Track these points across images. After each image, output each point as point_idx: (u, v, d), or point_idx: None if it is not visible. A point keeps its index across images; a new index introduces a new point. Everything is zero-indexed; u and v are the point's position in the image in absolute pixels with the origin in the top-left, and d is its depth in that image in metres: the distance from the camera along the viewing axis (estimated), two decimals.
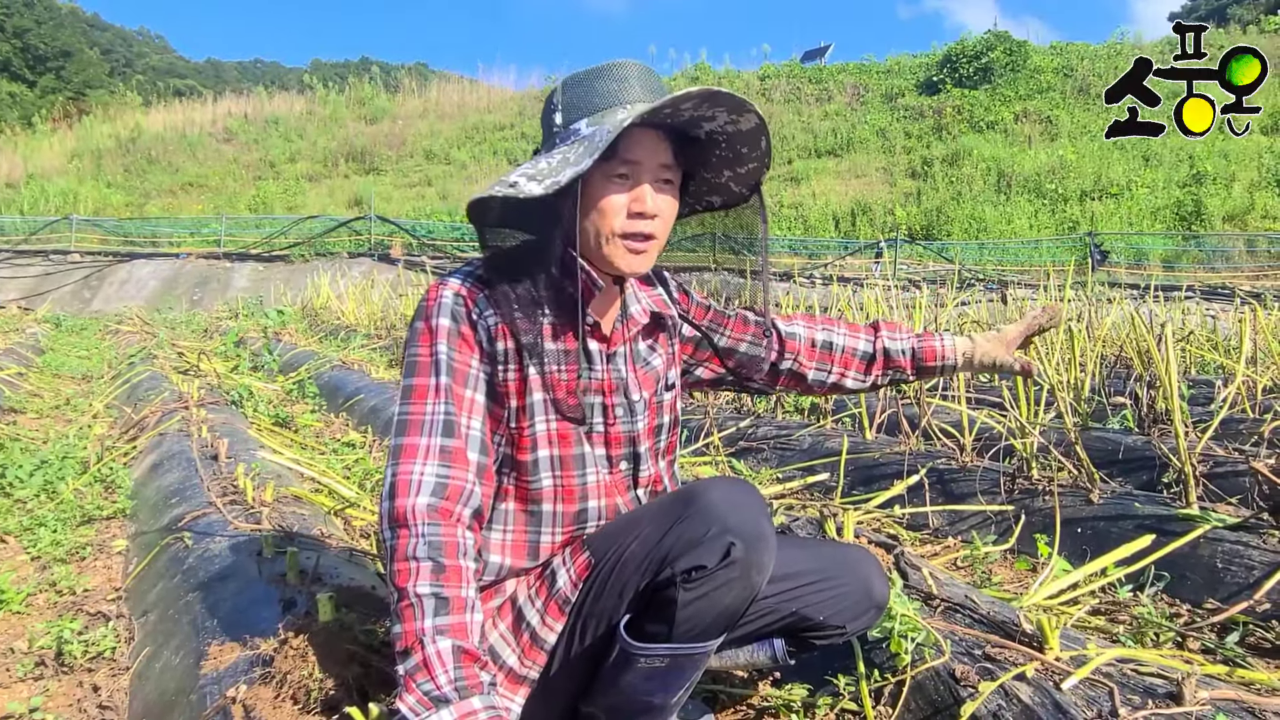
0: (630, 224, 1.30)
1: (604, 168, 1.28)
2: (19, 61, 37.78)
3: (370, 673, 1.46)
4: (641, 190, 1.30)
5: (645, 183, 1.30)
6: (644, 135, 1.29)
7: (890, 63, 30.98)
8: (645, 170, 1.30)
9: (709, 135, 1.36)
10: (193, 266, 18.56)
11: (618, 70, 1.31)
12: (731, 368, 1.65)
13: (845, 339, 1.70)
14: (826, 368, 1.70)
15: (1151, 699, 1.38)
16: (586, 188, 1.29)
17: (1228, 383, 3.59)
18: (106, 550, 2.90)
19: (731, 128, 1.33)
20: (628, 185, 1.30)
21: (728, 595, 1.24)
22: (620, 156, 1.28)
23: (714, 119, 1.32)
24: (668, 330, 1.53)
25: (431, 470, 1.25)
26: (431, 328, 1.31)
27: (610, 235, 1.31)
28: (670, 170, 1.34)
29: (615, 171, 1.29)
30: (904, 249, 19.27)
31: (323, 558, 2.08)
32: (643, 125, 1.28)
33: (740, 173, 1.42)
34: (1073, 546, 2.60)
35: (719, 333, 1.61)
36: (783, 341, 1.67)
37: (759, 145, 1.36)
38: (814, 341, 1.69)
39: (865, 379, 1.72)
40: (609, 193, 1.30)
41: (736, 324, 1.63)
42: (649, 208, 1.30)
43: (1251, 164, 20.86)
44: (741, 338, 1.63)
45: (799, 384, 1.73)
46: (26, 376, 6.33)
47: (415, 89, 33.51)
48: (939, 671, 1.55)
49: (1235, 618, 2.04)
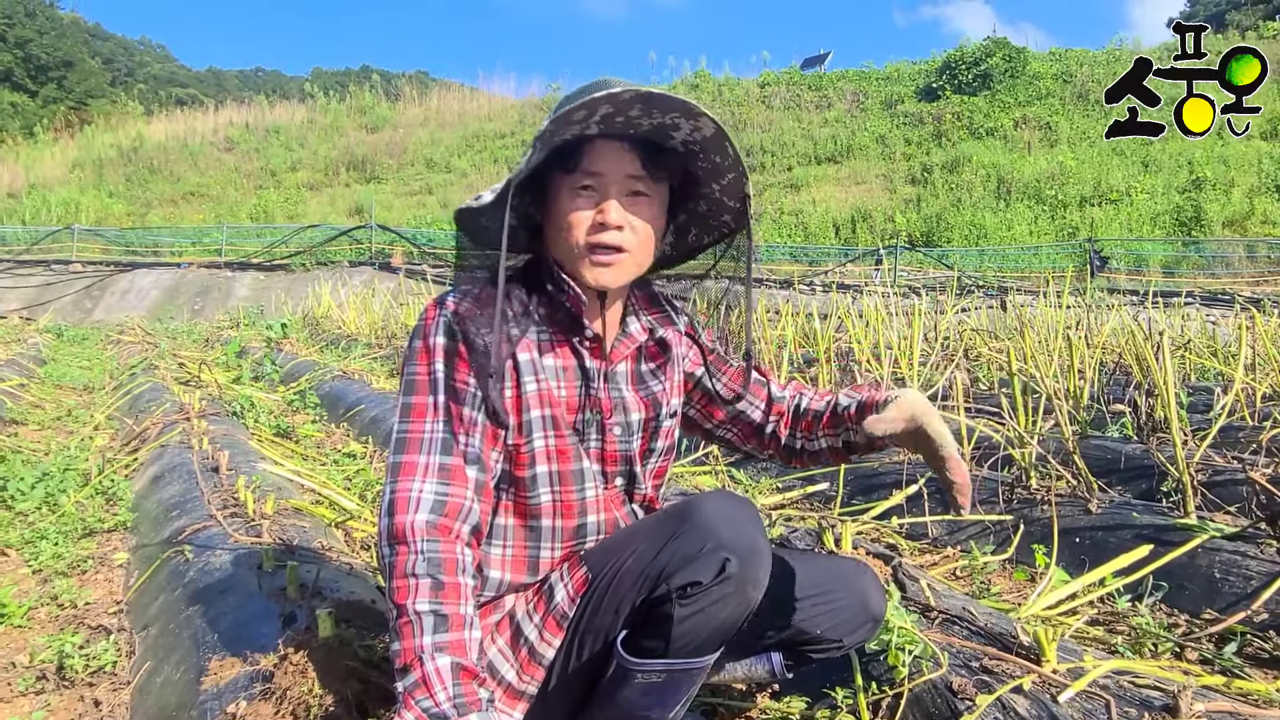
0: (595, 236, 1.30)
1: (569, 181, 1.29)
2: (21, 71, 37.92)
3: (370, 689, 1.47)
4: (607, 203, 1.29)
5: (611, 195, 1.30)
6: (607, 146, 1.29)
7: (890, 69, 31.08)
8: (611, 182, 1.30)
9: (685, 145, 1.33)
10: (194, 276, 18.59)
11: (599, 84, 1.29)
12: (721, 420, 1.62)
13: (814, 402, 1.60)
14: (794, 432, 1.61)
15: (1147, 711, 1.39)
16: (556, 202, 1.31)
17: (1227, 390, 3.60)
18: (108, 563, 2.90)
19: (697, 135, 1.30)
20: (594, 198, 1.30)
21: (723, 611, 1.25)
22: (583, 169, 1.29)
23: (678, 127, 1.29)
24: (670, 356, 1.50)
25: (430, 488, 1.25)
26: (429, 346, 1.31)
27: (577, 248, 1.31)
28: (641, 181, 1.31)
29: (579, 184, 1.30)
30: (904, 256, 19.30)
31: (323, 571, 2.08)
32: (605, 137, 1.27)
33: (724, 185, 1.38)
34: (1071, 556, 2.61)
35: (718, 379, 1.58)
36: (770, 403, 1.62)
37: (727, 153, 1.31)
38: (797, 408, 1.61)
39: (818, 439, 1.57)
40: (575, 206, 1.30)
41: (735, 375, 1.60)
42: (611, 219, 1.29)
43: (1251, 169, 20.90)
44: (736, 389, 1.59)
45: (778, 450, 1.63)
46: (28, 387, 6.35)
47: (416, 97, 33.63)
48: (936, 684, 1.56)
49: (1233, 628, 2.05)
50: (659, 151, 1.33)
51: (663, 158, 1.33)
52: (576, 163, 1.28)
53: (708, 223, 1.47)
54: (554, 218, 1.32)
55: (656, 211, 1.36)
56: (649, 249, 1.37)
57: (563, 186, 1.30)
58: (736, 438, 1.64)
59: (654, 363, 1.49)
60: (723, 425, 1.63)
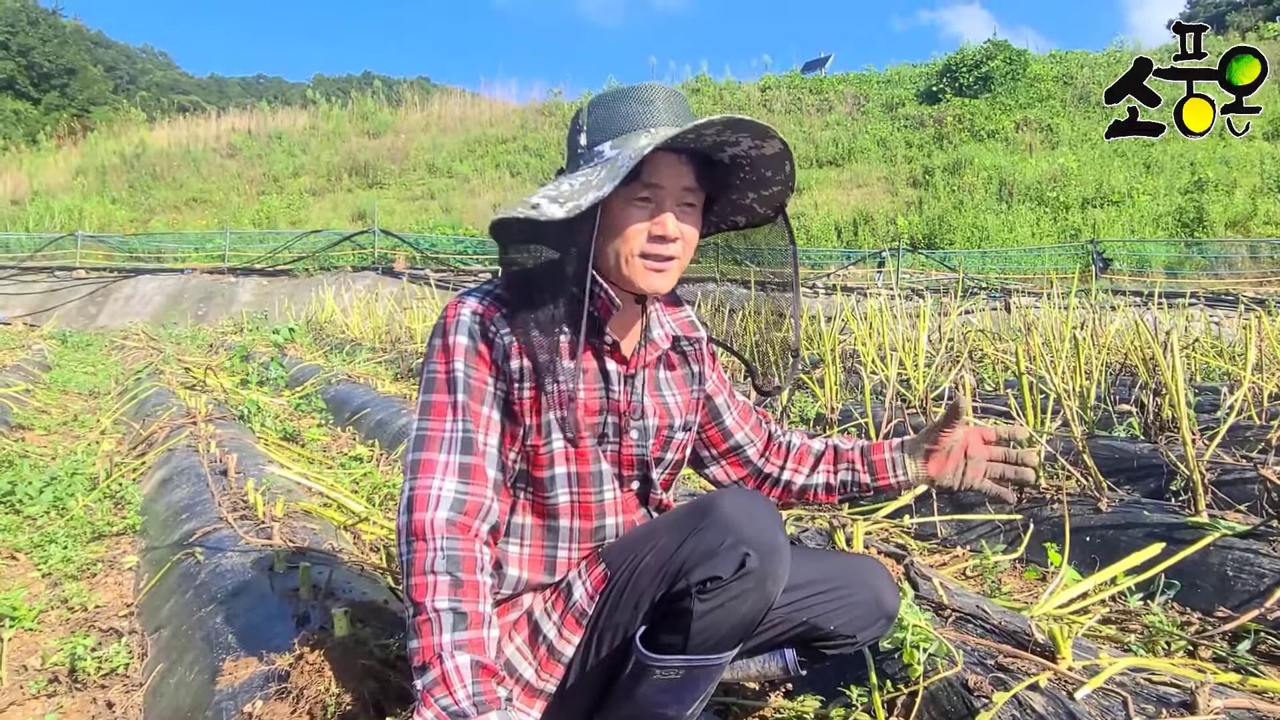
0: (651, 246, 1.31)
1: (626, 191, 1.28)
2: (23, 79, 37.99)
3: (387, 688, 1.47)
4: (664, 215, 1.31)
5: (668, 208, 1.31)
6: (666, 159, 1.29)
7: (890, 73, 31.10)
8: (667, 194, 1.31)
9: (733, 159, 1.36)
10: (197, 281, 18.63)
11: (643, 93, 1.31)
12: (720, 450, 1.62)
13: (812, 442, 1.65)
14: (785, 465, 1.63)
15: (1165, 708, 1.38)
16: (608, 210, 1.29)
17: (1233, 389, 3.59)
18: (117, 566, 2.91)
19: (755, 152, 1.34)
20: (649, 209, 1.31)
21: (743, 606, 1.25)
22: (642, 180, 1.28)
23: (737, 144, 1.32)
24: (691, 371, 1.52)
25: (450, 485, 1.26)
26: (449, 345, 1.32)
27: (630, 256, 1.31)
28: (692, 194, 1.34)
29: (637, 195, 1.29)
30: (906, 258, 19.30)
31: (335, 572, 2.08)
32: (665, 150, 1.28)
33: (764, 195, 1.42)
34: (1081, 555, 2.60)
35: (729, 411, 1.60)
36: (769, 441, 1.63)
37: (783, 169, 1.36)
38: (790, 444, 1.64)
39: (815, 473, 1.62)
40: (631, 217, 1.30)
41: (743, 410, 1.62)
42: (670, 232, 1.31)
43: (1253, 170, 20.87)
44: (741, 425, 1.62)
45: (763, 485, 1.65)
46: (34, 393, 6.35)
47: (417, 103, 33.66)
48: (952, 682, 1.56)
49: (1247, 626, 2.04)
50: (710, 163, 1.36)
51: (713, 169, 1.37)
52: (636, 173, 1.26)
53: (724, 219, 1.50)
54: (604, 224, 1.29)
55: (699, 220, 1.38)
56: (689, 256, 1.39)
57: (617, 196, 1.27)
58: (723, 473, 1.64)
59: (673, 372, 1.50)
60: (718, 457, 1.63)
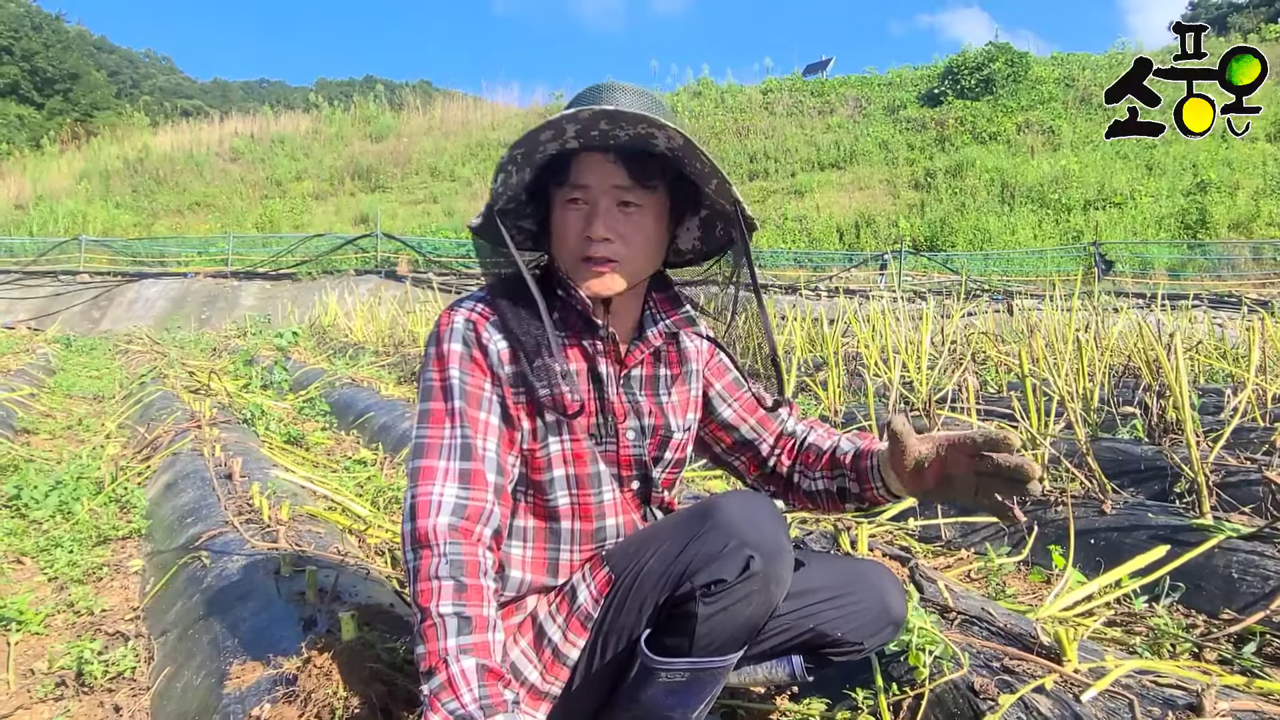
0: (585, 248, 1.32)
1: (560, 194, 1.33)
2: (27, 84, 38.11)
3: (394, 691, 1.47)
4: (595, 215, 1.31)
5: (600, 207, 1.31)
6: (591, 159, 1.30)
7: (892, 75, 31.09)
8: (599, 194, 1.31)
9: (671, 151, 1.31)
10: (200, 286, 18.66)
11: (588, 94, 1.33)
12: (729, 445, 1.59)
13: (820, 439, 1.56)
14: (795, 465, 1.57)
15: (1171, 710, 1.38)
16: (552, 213, 1.35)
17: (1237, 392, 3.59)
18: (123, 570, 2.91)
19: (672, 144, 1.28)
20: (584, 210, 1.32)
21: (747, 608, 1.25)
22: (571, 182, 1.31)
23: (654, 136, 1.27)
24: (688, 369, 1.51)
25: (451, 491, 1.26)
26: (443, 353, 1.33)
27: (573, 260, 1.33)
28: (630, 191, 1.31)
29: (568, 197, 1.32)
30: (909, 260, 19.29)
31: (341, 576, 2.09)
32: (588, 150, 1.30)
33: (713, 188, 1.35)
34: (1086, 558, 2.60)
35: (726, 403, 1.56)
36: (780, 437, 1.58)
37: (700, 159, 1.27)
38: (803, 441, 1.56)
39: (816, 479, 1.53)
40: (566, 220, 1.33)
41: (746, 403, 1.57)
42: (596, 231, 1.30)
43: (1256, 172, 20.85)
44: (745, 418, 1.57)
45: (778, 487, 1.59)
46: (38, 397, 6.37)
47: (420, 107, 33.70)
48: (958, 684, 1.56)
49: (1252, 628, 2.04)
50: (648, 158, 1.31)
51: (651, 164, 1.32)
52: (565, 176, 1.31)
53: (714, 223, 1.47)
54: (551, 228, 1.36)
55: (651, 219, 1.35)
56: (644, 257, 1.37)
57: (556, 198, 1.34)
58: (743, 466, 1.61)
59: (670, 370, 1.49)
60: (730, 451, 1.61)
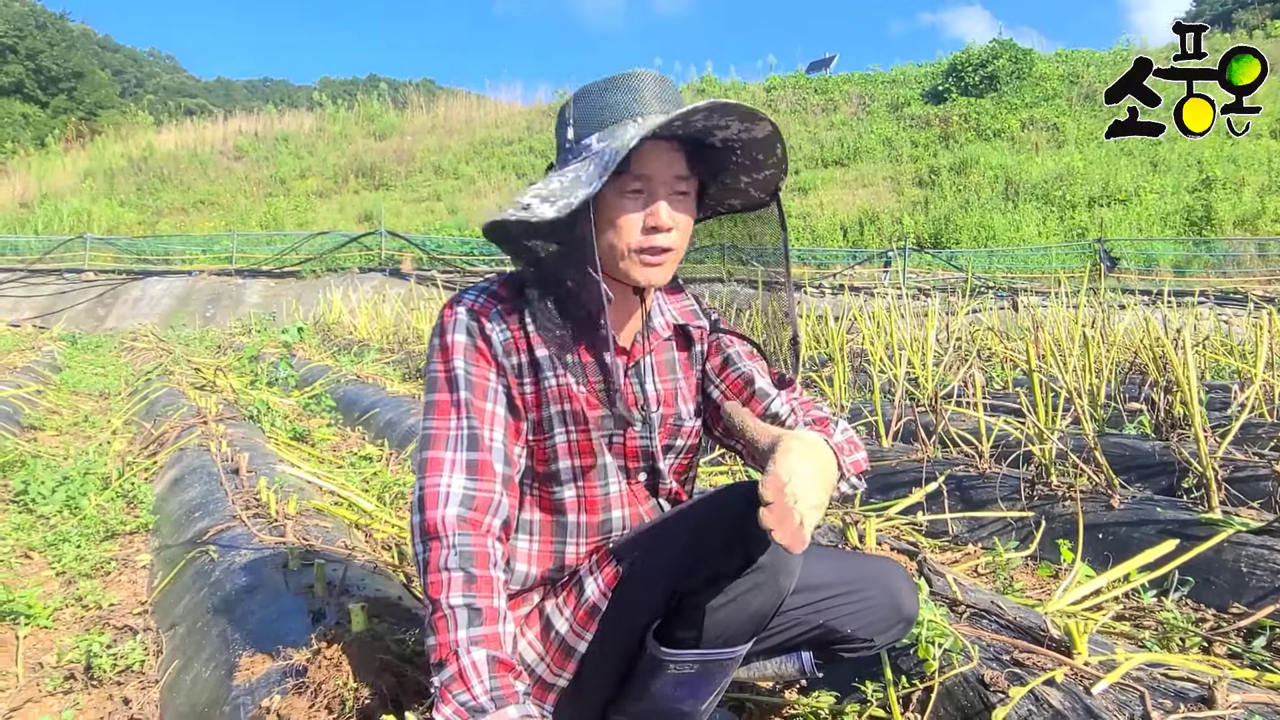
0: (646, 239, 1.29)
1: (617, 183, 1.26)
2: (31, 83, 38.19)
3: (404, 683, 1.47)
4: (657, 205, 1.28)
5: (660, 197, 1.28)
6: (656, 148, 1.27)
7: (895, 73, 31.01)
8: (659, 184, 1.29)
9: (724, 143, 1.33)
10: (205, 283, 18.68)
11: (629, 81, 1.28)
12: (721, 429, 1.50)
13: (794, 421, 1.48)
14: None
15: (1183, 703, 1.38)
16: (601, 204, 1.27)
17: (1244, 387, 3.58)
18: (131, 565, 2.92)
19: (745, 135, 1.30)
20: (642, 200, 1.29)
21: (756, 599, 1.24)
22: (633, 172, 1.27)
23: (727, 127, 1.28)
24: (693, 354, 1.50)
25: (459, 482, 1.26)
26: (448, 344, 1.32)
27: (627, 251, 1.29)
28: (685, 181, 1.32)
29: (629, 187, 1.27)
30: (913, 258, 19.25)
31: (348, 569, 2.09)
32: (654, 138, 1.25)
33: (758, 179, 1.37)
34: (1094, 552, 2.59)
35: (713, 383, 1.51)
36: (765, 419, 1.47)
37: (775, 152, 1.31)
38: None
39: None
40: (624, 209, 1.28)
41: (734, 383, 1.49)
42: (664, 222, 1.28)
43: (1261, 168, 20.77)
44: (729, 399, 1.50)
45: None
46: (45, 394, 6.39)
47: (423, 105, 33.68)
48: (967, 677, 1.56)
49: (1261, 622, 2.04)
50: (700, 149, 1.33)
51: (705, 153, 1.33)
52: (626, 164, 1.24)
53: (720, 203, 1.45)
54: (597, 218, 1.27)
55: (693, 206, 1.36)
56: (685, 245, 1.37)
57: (608, 188, 1.26)
58: (743, 449, 1.45)
59: (677, 357, 1.49)
60: (725, 434, 1.50)
